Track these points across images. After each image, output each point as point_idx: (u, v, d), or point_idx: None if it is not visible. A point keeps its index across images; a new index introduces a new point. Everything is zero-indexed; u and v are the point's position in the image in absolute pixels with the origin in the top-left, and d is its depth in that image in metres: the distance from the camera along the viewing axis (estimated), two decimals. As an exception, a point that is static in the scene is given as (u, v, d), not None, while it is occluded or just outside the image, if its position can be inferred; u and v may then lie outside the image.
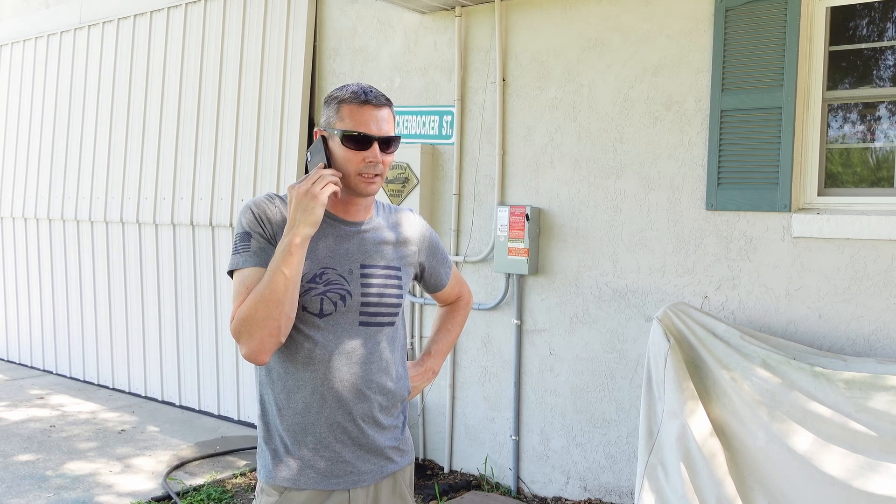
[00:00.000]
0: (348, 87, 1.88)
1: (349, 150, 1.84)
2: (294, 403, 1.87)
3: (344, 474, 1.88)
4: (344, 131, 1.84)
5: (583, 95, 4.25)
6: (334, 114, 1.87)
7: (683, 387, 3.35)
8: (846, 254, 3.51)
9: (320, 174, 1.80)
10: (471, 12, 4.65)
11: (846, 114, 3.67)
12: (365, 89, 1.87)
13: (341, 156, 1.85)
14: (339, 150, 1.85)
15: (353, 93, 1.86)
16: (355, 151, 1.84)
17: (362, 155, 1.84)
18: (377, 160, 1.85)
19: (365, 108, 1.84)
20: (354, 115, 1.84)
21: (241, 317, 1.75)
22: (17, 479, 4.59)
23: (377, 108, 1.85)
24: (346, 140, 1.84)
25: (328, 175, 1.80)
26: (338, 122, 1.86)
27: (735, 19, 3.73)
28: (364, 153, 1.84)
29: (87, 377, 7.07)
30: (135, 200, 6.45)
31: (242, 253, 1.83)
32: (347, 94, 1.86)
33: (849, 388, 3.02)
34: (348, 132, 1.83)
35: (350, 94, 1.86)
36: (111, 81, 6.72)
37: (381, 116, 1.86)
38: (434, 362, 2.20)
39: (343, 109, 1.85)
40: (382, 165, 1.87)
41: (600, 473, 4.24)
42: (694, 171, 3.90)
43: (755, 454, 3.22)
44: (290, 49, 5.44)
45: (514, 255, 4.38)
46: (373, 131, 1.84)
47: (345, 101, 1.86)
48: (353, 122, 1.84)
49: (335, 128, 1.86)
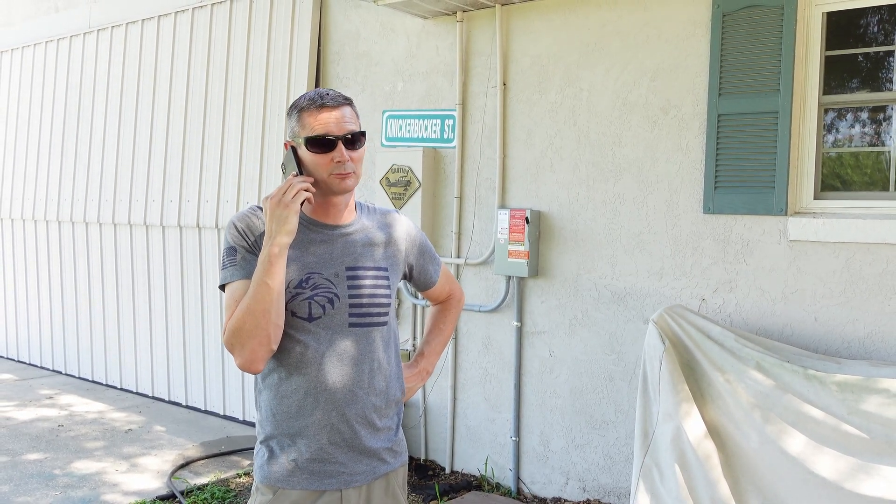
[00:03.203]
0: (306, 95, 1.94)
1: (316, 154, 1.89)
2: (287, 406, 1.91)
3: (336, 474, 1.92)
4: (307, 137, 1.89)
5: (582, 99, 4.29)
6: (297, 123, 1.92)
7: (678, 389, 3.38)
8: (842, 257, 3.54)
9: (290, 182, 1.85)
10: (472, 17, 4.70)
11: (842, 118, 3.70)
12: (321, 93, 1.92)
13: (310, 161, 1.90)
14: (307, 157, 1.90)
15: (310, 99, 1.91)
16: (322, 154, 1.89)
17: (329, 156, 1.89)
18: (345, 159, 1.89)
19: (323, 111, 1.89)
20: (315, 120, 1.89)
21: (231, 329, 1.81)
22: (25, 477, 4.66)
23: (335, 109, 1.90)
24: (310, 145, 1.89)
25: (298, 182, 1.85)
26: (301, 129, 1.91)
27: (732, 24, 3.76)
28: (331, 154, 1.89)
29: (95, 377, 7.16)
30: (142, 203, 6.53)
31: (230, 267, 1.89)
32: (305, 102, 1.92)
33: (841, 390, 3.05)
34: (311, 137, 1.88)
35: (307, 101, 1.91)
36: (120, 85, 6.80)
37: (340, 116, 1.90)
38: (428, 362, 2.24)
39: (304, 117, 1.91)
40: (353, 162, 1.91)
41: (599, 474, 4.27)
42: (691, 175, 3.93)
43: (749, 456, 3.25)
44: (295, 53, 5.49)
45: (514, 257, 4.42)
46: (334, 131, 1.89)
47: (304, 109, 1.91)
48: (315, 126, 1.88)
49: (299, 136, 1.91)
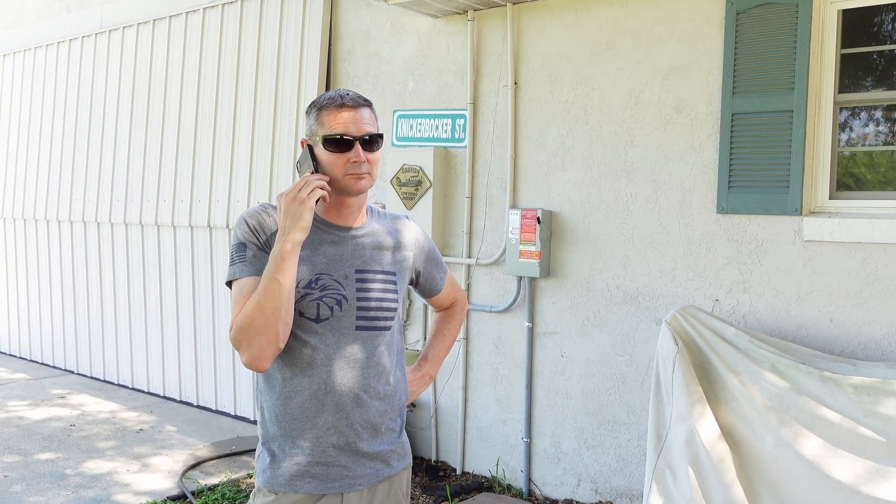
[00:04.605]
0: (326, 94, 1.93)
1: (332, 153, 1.88)
2: (291, 409, 1.90)
3: (339, 478, 1.91)
4: (325, 136, 1.88)
5: (594, 99, 4.26)
6: (315, 121, 1.92)
7: (692, 390, 3.35)
8: (858, 258, 3.49)
9: (306, 180, 1.84)
10: (483, 16, 4.67)
11: (858, 117, 3.65)
12: (341, 93, 1.91)
13: (326, 160, 1.89)
14: (323, 156, 1.89)
15: (329, 98, 1.90)
16: (339, 154, 1.87)
17: (346, 156, 1.87)
18: (361, 159, 1.88)
19: (342, 110, 1.88)
20: (333, 119, 1.88)
21: (239, 325, 1.79)
22: (37, 477, 4.67)
23: (355, 109, 1.89)
24: (328, 144, 1.88)
25: (314, 180, 1.84)
26: (319, 128, 1.90)
27: (746, 22, 3.72)
28: (348, 154, 1.87)
29: (107, 377, 7.18)
30: (153, 203, 6.54)
31: (238, 263, 1.87)
32: (325, 101, 1.91)
33: (857, 393, 3.01)
34: (329, 136, 1.87)
35: (327, 100, 1.90)
36: (131, 85, 6.81)
37: (359, 117, 1.89)
38: (431, 367, 2.23)
39: (322, 116, 1.90)
40: (368, 164, 1.90)
41: (611, 476, 4.24)
42: (705, 175, 3.90)
43: (763, 459, 3.21)
44: (306, 53, 5.48)
45: (525, 257, 4.39)
46: (352, 132, 1.88)
47: (323, 108, 1.90)
48: (333, 125, 1.87)
49: (317, 134, 1.90)
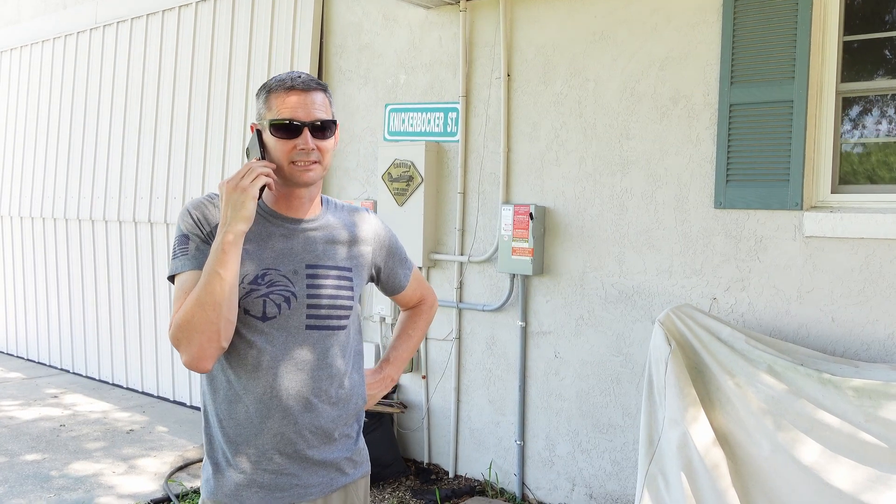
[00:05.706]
0: (277, 76, 1.80)
1: (279, 139, 1.75)
2: (236, 414, 1.77)
3: (289, 487, 1.78)
4: (272, 121, 1.75)
5: (588, 90, 4.12)
6: (263, 104, 1.79)
7: (685, 393, 3.20)
8: (861, 254, 3.34)
9: (250, 166, 1.71)
10: (475, 6, 4.54)
11: (862, 107, 3.49)
12: (292, 75, 1.78)
13: (273, 146, 1.76)
14: (270, 141, 1.76)
15: (279, 80, 1.78)
16: (285, 140, 1.75)
17: (293, 143, 1.75)
18: (309, 147, 1.75)
19: (291, 94, 1.75)
20: (282, 103, 1.75)
21: (179, 322, 1.65)
22: (21, 478, 4.58)
23: (305, 93, 1.76)
24: (274, 129, 1.75)
25: (258, 167, 1.71)
26: (266, 112, 1.78)
27: (744, 10, 3.57)
28: (295, 140, 1.75)
29: (101, 376, 7.09)
30: (147, 200, 6.44)
31: (181, 257, 1.74)
32: (274, 83, 1.78)
33: (858, 396, 2.85)
34: (276, 121, 1.74)
35: (276, 82, 1.78)
36: (125, 80, 6.72)
37: (310, 101, 1.76)
38: (393, 369, 2.10)
39: (271, 99, 1.77)
40: (319, 152, 1.77)
41: (606, 481, 4.10)
42: (702, 168, 3.75)
43: (760, 465, 3.06)
44: (297, 46, 5.38)
45: (518, 255, 4.26)
46: (301, 117, 1.75)
47: (272, 90, 1.77)
48: (281, 109, 1.75)
49: (265, 119, 1.77)
